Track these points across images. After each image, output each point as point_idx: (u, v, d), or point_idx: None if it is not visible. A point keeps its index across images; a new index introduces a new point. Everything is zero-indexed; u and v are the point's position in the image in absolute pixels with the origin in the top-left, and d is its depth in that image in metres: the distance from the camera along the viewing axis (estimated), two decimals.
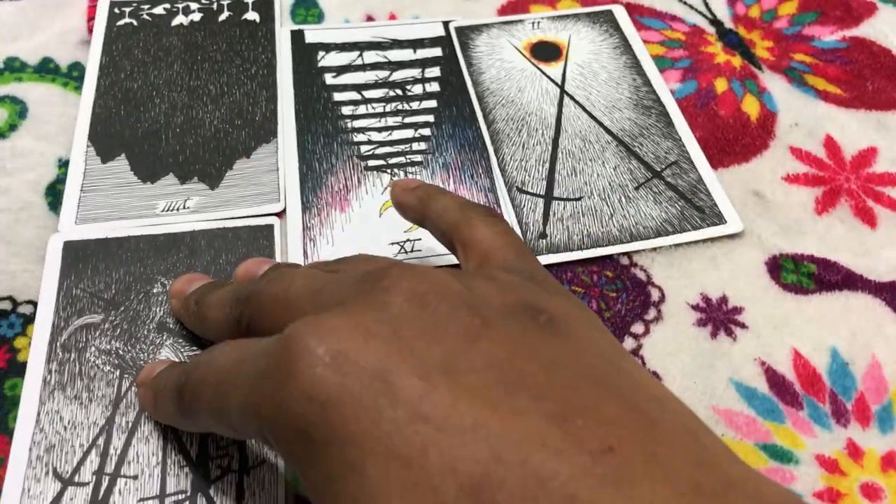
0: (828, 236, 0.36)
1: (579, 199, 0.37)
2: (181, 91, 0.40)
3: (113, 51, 0.42)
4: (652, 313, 0.33)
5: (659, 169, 0.38)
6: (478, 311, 0.20)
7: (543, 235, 0.36)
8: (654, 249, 0.35)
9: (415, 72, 0.42)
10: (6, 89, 0.40)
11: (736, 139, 0.40)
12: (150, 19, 0.44)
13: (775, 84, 0.43)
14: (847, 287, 0.35)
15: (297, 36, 0.44)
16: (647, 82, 0.42)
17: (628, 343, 0.32)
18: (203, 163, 0.37)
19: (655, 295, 0.34)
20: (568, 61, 0.44)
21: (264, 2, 0.45)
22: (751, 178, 0.39)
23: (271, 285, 0.24)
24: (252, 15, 0.44)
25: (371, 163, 0.38)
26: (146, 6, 0.44)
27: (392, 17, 0.46)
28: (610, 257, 0.35)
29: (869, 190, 0.38)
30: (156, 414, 0.27)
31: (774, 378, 0.32)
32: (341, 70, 0.42)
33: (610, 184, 0.38)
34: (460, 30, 0.45)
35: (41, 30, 0.43)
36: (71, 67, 0.42)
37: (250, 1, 0.45)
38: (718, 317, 0.33)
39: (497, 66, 0.43)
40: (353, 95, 0.41)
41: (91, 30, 0.43)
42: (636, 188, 0.38)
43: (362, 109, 0.40)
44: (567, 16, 0.46)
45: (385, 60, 0.43)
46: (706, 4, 0.48)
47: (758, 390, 0.31)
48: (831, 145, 0.40)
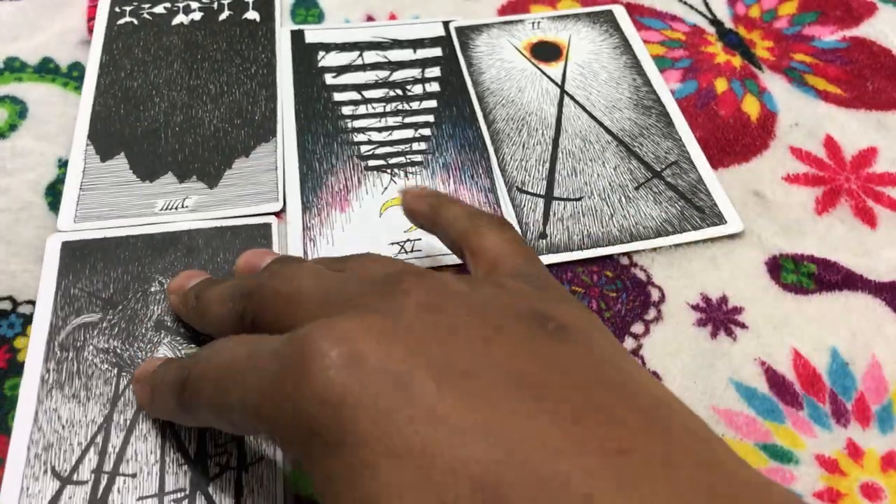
0: (828, 236, 0.36)
1: (579, 199, 0.37)
2: (181, 90, 0.40)
3: (113, 49, 0.42)
4: (652, 313, 0.33)
5: (659, 169, 0.38)
6: (490, 318, 0.20)
7: (543, 235, 0.36)
8: (654, 249, 0.35)
9: (415, 72, 0.42)
10: (6, 89, 0.40)
11: (736, 139, 0.40)
12: (151, 18, 0.44)
13: (775, 84, 0.43)
14: (847, 287, 0.35)
15: (297, 36, 0.44)
16: (648, 82, 0.42)
17: (628, 343, 0.32)
18: (202, 162, 0.37)
19: (655, 295, 0.34)
20: (568, 61, 0.44)
21: (264, 1, 0.45)
22: (751, 178, 0.39)
23: (277, 281, 0.24)
24: (252, 14, 0.45)
25: (371, 163, 0.38)
26: (147, 5, 0.44)
27: (392, 17, 0.46)
28: (610, 257, 0.35)
29: (869, 190, 0.38)
30: (152, 409, 0.27)
31: (774, 378, 0.31)
32: (341, 70, 0.42)
33: (610, 184, 0.38)
34: (460, 30, 0.45)
35: (41, 30, 0.43)
36: (71, 67, 0.42)
37: (250, 0, 0.45)
38: (718, 317, 0.33)
39: (497, 66, 0.43)
40: (354, 95, 0.41)
41: (91, 30, 0.43)
42: (636, 188, 0.37)
43: (362, 109, 0.40)
44: (567, 16, 0.46)
45: (385, 60, 0.43)
46: (706, 4, 0.48)
47: (758, 390, 0.31)
48: (831, 145, 0.40)
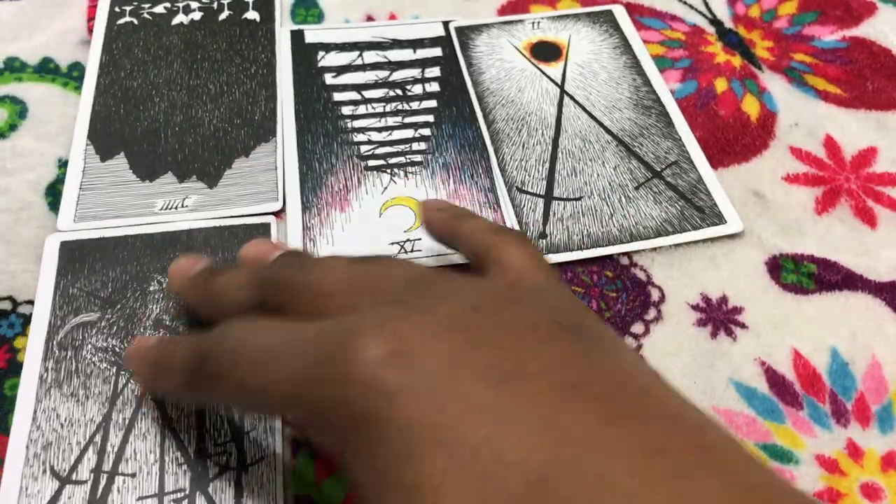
0: (828, 236, 0.36)
1: (579, 199, 0.37)
2: (181, 90, 0.40)
3: (113, 49, 0.42)
4: (652, 313, 0.33)
5: (659, 169, 0.38)
6: (532, 322, 0.21)
7: (543, 235, 0.36)
8: (654, 249, 0.35)
9: (415, 72, 0.42)
10: (6, 89, 0.40)
11: (736, 139, 0.40)
12: (151, 18, 0.44)
13: (775, 84, 0.43)
14: (847, 287, 0.35)
15: (297, 36, 0.44)
16: (647, 82, 0.42)
17: (628, 343, 0.32)
18: (202, 161, 0.37)
19: (655, 295, 0.34)
20: (568, 61, 0.43)
21: (264, 1, 0.45)
22: (751, 178, 0.38)
23: (303, 272, 0.24)
24: (252, 14, 0.45)
25: (371, 163, 0.38)
26: (147, 5, 0.44)
27: (392, 17, 0.46)
28: (610, 257, 0.35)
29: (869, 190, 0.38)
30: (155, 385, 0.27)
31: (774, 378, 0.31)
32: (341, 70, 0.42)
33: (610, 184, 0.38)
34: (460, 30, 0.45)
35: (41, 30, 0.43)
36: (71, 67, 0.42)
37: (250, 0, 0.45)
38: (718, 317, 0.33)
39: (497, 66, 0.43)
40: (353, 95, 0.41)
41: (91, 30, 0.43)
42: (636, 188, 0.37)
43: (362, 109, 0.40)
44: (567, 16, 0.46)
45: (385, 60, 0.43)
46: (706, 4, 0.48)
47: (758, 390, 0.31)
48: (831, 145, 0.40)
